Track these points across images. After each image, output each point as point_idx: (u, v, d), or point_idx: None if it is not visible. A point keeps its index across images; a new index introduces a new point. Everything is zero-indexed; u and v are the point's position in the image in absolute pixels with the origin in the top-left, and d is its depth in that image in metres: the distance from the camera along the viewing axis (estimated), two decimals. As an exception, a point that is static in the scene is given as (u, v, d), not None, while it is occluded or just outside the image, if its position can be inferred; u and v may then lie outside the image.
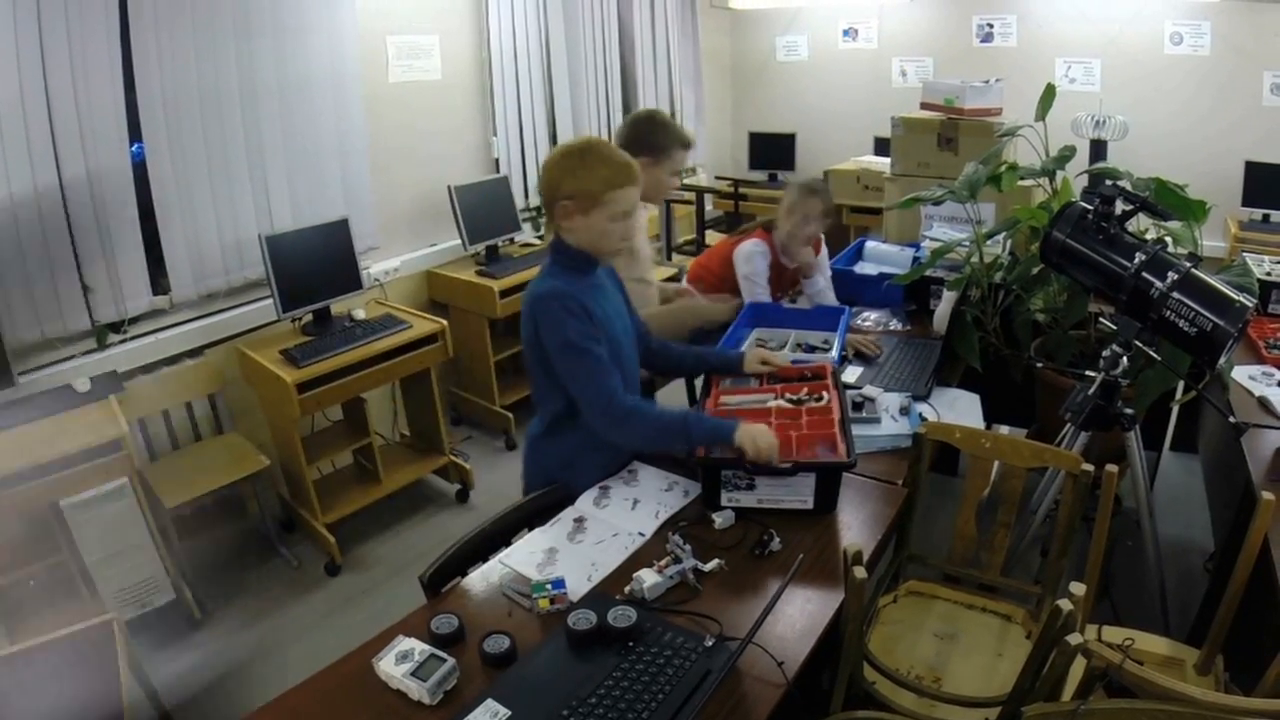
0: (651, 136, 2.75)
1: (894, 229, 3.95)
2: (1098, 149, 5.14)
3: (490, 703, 1.45)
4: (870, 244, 3.80)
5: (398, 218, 4.44)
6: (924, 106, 3.99)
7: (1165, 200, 2.51)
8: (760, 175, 6.68)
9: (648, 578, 1.76)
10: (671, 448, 2.19)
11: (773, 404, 2.29)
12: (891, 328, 3.24)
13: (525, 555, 1.94)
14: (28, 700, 2.07)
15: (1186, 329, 2.02)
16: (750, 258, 3.17)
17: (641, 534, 1.99)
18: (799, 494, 2.02)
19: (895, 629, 2.18)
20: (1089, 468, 2.04)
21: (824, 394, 2.30)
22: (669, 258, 5.89)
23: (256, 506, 3.76)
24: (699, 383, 2.88)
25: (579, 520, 2.06)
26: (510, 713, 1.43)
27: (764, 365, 2.44)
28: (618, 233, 2.13)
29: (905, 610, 2.25)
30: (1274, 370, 2.71)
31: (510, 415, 4.52)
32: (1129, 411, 2.31)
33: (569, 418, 2.18)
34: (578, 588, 1.80)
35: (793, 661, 1.57)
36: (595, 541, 1.97)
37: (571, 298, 2.05)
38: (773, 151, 6.64)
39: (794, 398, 2.30)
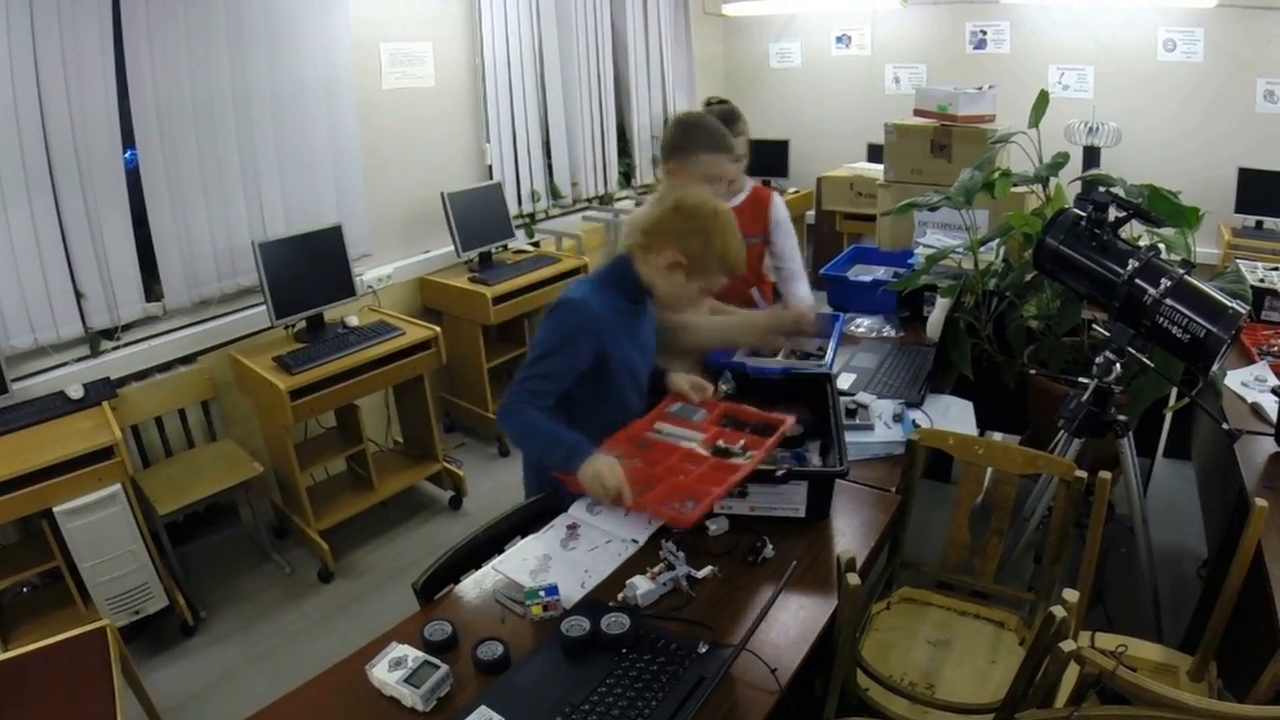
0: (675, 138, 2.66)
1: (887, 236, 3.96)
2: (1091, 155, 5.15)
3: (484, 709, 1.45)
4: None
5: (391, 224, 4.43)
6: (917, 113, 4.01)
7: (1158, 207, 2.52)
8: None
9: (641, 584, 1.76)
10: (541, 457, 2.12)
11: (687, 445, 2.12)
12: (885, 334, 3.24)
13: (518, 562, 1.93)
14: (21, 708, 2.06)
15: (1180, 336, 2.02)
16: None
17: (635, 541, 1.98)
18: (791, 502, 2.02)
19: (889, 636, 2.18)
20: (1082, 474, 2.04)
21: (751, 453, 2.05)
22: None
23: (250, 513, 3.75)
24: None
25: (572, 527, 2.05)
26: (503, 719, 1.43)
27: (688, 389, 2.27)
28: (692, 298, 2.13)
29: (899, 617, 2.25)
30: (1267, 374, 2.72)
31: (504, 422, 4.51)
32: (1122, 418, 2.31)
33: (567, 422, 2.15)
34: (571, 594, 1.79)
35: (786, 668, 1.57)
36: (588, 548, 1.97)
37: (592, 322, 2.04)
38: (766, 158, 6.64)
39: (722, 446, 2.11)
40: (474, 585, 1.88)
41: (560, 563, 1.92)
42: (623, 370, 2.15)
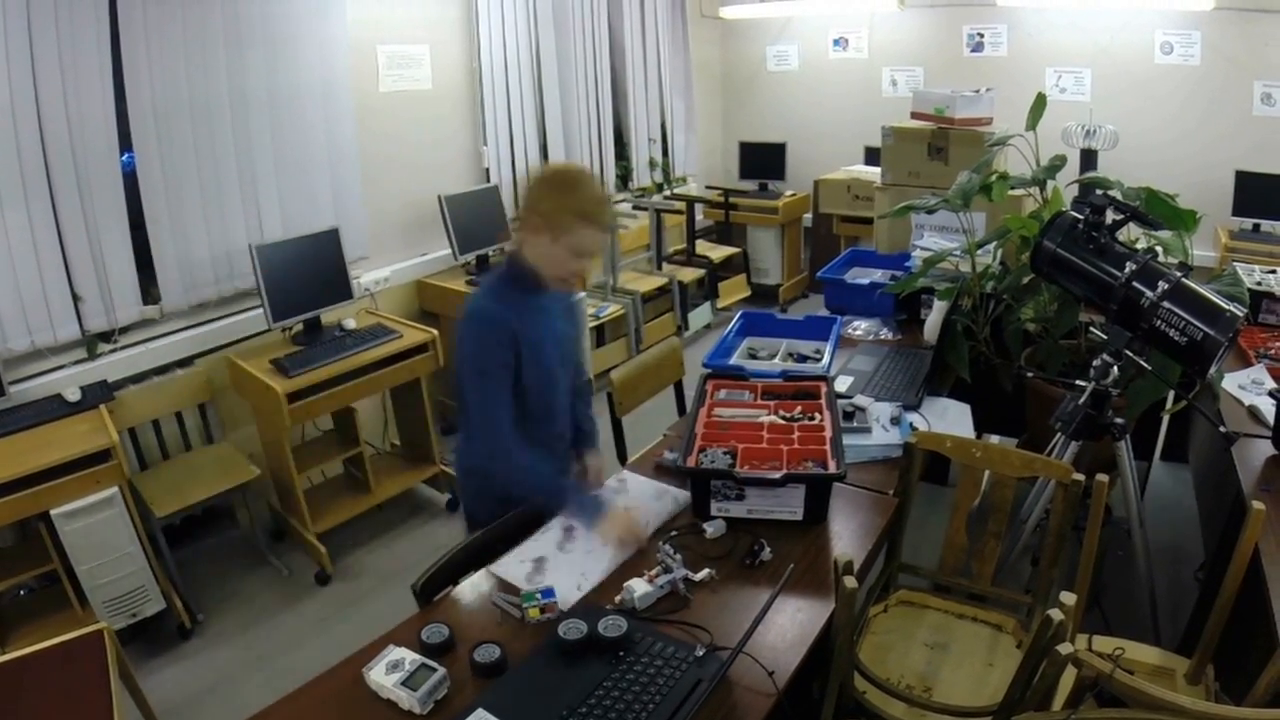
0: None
1: (884, 238, 3.96)
2: (1088, 158, 5.14)
3: (481, 712, 1.45)
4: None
5: (388, 227, 4.43)
6: (914, 116, 4.00)
7: (1156, 210, 2.52)
8: (751, 185, 6.70)
9: (638, 587, 1.76)
10: (537, 499, 2.09)
11: (765, 419, 2.32)
12: (882, 337, 3.25)
13: (515, 564, 1.93)
14: (18, 711, 2.06)
15: (1177, 338, 2.02)
16: None
17: (632, 543, 1.99)
18: (789, 505, 2.02)
19: (886, 638, 2.18)
20: (1079, 477, 2.05)
21: (816, 415, 2.34)
22: (659, 267, 5.90)
23: (247, 516, 3.75)
24: (689, 392, 2.87)
25: (569, 529, 2.05)
26: (500, 724, 1.43)
27: (622, 538, 1.98)
28: (569, 265, 2.03)
29: (896, 620, 2.25)
30: (1264, 377, 2.72)
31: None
32: (1119, 421, 2.31)
33: None
34: (568, 597, 1.80)
35: (783, 671, 1.57)
36: (585, 550, 1.97)
37: (498, 324, 2.00)
38: (763, 161, 6.66)
39: (787, 415, 2.33)
40: (471, 588, 1.88)
41: (557, 565, 1.92)
42: (540, 366, 2.10)
